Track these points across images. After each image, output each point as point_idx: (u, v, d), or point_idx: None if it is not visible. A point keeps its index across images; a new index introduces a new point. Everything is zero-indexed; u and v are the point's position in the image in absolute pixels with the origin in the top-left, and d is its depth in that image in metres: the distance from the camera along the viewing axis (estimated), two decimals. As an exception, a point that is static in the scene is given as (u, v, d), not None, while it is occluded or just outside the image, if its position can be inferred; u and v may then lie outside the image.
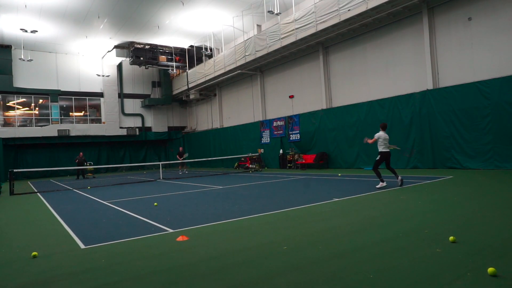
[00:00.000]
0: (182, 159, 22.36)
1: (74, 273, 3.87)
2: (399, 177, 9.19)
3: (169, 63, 28.15)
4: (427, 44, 14.25)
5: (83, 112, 28.99)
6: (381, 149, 9.12)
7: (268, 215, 6.52)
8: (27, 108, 26.81)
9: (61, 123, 27.70)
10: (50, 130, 26.62)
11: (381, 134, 9.13)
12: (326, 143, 18.44)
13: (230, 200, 8.79)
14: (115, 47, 26.83)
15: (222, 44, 26.36)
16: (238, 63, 22.30)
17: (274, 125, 21.94)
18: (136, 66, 28.94)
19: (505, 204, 6.22)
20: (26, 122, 26.70)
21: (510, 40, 12.09)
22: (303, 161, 19.04)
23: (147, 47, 26.97)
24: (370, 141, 9.36)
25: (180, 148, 23.84)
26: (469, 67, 13.18)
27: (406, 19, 15.15)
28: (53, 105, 27.47)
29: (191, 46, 27.71)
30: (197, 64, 27.58)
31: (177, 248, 4.59)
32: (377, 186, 9.08)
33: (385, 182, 9.11)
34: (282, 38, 18.75)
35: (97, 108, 29.54)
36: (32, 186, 17.86)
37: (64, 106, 28.16)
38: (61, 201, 10.60)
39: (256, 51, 20.62)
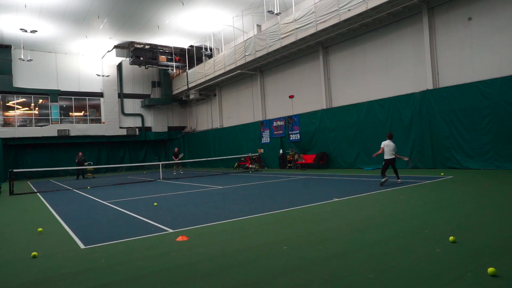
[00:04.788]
0: (178, 159, 22.49)
1: (74, 273, 3.87)
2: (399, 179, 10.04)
3: (169, 63, 28.12)
4: (427, 44, 14.24)
5: (83, 112, 28.96)
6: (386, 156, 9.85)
7: (268, 215, 6.52)
8: (27, 108, 26.78)
9: (61, 123, 27.67)
10: (50, 130, 26.59)
11: (386, 142, 9.86)
12: (326, 143, 18.43)
13: (230, 200, 8.79)
14: (115, 47, 26.81)
15: (222, 44, 26.36)
16: (238, 63, 22.29)
17: (274, 125, 21.93)
18: (136, 66, 28.93)
19: (505, 204, 6.22)
20: (26, 122, 26.67)
21: (510, 40, 12.09)
22: (303, 161, 19.04)
23: (147, 47, 26.95)
24: (374, 154, 10.32)
25: (176, 149, 23.80)
26: (469, 67, 13.18)
27: (406, 19, 15.15)
28: (53, 105, 27.44)
29: (191, 46, 27.69)
30: (197, 64, 27.55)
31: (177, 248, 4.58)
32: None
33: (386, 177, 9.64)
34: (282, 38, 18.74)
35: (97, 108, 29.52)
36: (32, 186, 17.85)
37: (64, 106, 28.14)
38: (61, 201, 10.60)
39: (256, 51, 20.61)
